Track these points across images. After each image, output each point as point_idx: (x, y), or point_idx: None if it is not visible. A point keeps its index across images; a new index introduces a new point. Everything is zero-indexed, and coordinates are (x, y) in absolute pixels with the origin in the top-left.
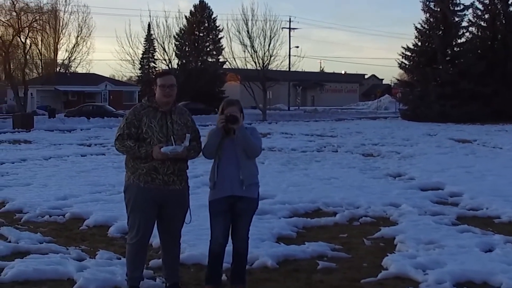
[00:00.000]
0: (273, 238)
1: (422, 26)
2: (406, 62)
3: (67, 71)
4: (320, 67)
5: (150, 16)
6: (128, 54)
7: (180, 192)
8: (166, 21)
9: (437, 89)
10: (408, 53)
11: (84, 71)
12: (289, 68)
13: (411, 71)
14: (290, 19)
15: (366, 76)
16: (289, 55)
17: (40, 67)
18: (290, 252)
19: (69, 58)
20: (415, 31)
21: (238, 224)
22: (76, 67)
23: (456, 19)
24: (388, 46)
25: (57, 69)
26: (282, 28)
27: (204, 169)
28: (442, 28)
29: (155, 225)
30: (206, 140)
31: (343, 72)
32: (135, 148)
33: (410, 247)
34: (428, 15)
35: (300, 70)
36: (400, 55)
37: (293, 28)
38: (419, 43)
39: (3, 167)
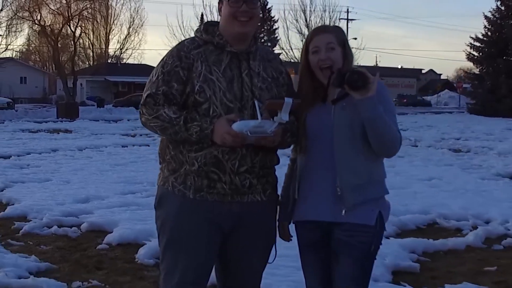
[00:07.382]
0: (388, 273)
1: (492, 15)
2: (474, 53)
3: (118, 62)
4: (376, 61)
5: (203, 3)
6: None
7: (263, 208)
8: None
9: (509, 82)
10: (477, 44)
11: (135, 62)
12: None
13: (481, 63)
14: (348, 9)
15: (423, 71)
16: None
17: (91, 57)
18: None
19: (121, 49)
20: (485, 20)
21: (335, 271)
22: (128, 58)
23: None
24: (446, 40)
25: (109, 60)
26: (340, 18)
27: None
28: None
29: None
30: None
31: (399, 67)
32: (179, 123)
33: None
34: (499, 3)
35: (356, 64)
36: (468, 45)
37: (351, 19)
38: (489, 33)
39: (26, 158)
